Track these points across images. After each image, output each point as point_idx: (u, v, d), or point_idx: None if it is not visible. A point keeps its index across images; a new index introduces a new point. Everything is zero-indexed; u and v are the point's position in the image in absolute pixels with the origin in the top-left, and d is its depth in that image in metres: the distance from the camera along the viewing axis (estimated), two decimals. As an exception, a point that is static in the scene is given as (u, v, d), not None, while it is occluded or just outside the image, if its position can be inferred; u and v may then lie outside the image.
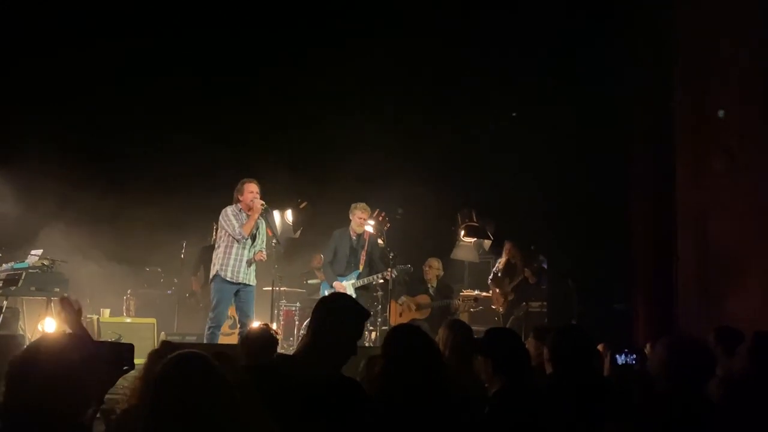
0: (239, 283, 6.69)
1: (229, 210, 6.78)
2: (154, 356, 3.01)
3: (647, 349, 4.43)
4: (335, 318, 2.73)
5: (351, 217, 7.62)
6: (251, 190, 6.75)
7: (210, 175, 8.72)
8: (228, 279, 6.65)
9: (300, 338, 2.92)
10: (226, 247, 6.71)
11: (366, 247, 7.63)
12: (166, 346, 3.10)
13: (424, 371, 2.72)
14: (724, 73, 7.53)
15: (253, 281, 6.81)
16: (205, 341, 6.62)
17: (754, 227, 7.13)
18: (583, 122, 8.42)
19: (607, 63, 8.34)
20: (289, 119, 9.64)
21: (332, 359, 2.71)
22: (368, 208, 7.60)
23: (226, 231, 6.74)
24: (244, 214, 6.76)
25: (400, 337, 2.91)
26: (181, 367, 2.11)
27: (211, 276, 6.85)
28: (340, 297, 3.15)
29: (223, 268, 6.66)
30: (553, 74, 8.50)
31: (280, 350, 4.34)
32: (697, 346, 3.00)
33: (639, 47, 8.28)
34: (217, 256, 6.77)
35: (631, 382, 3.57)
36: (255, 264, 6.80)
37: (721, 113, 7.06)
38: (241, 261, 6.68)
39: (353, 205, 7.63)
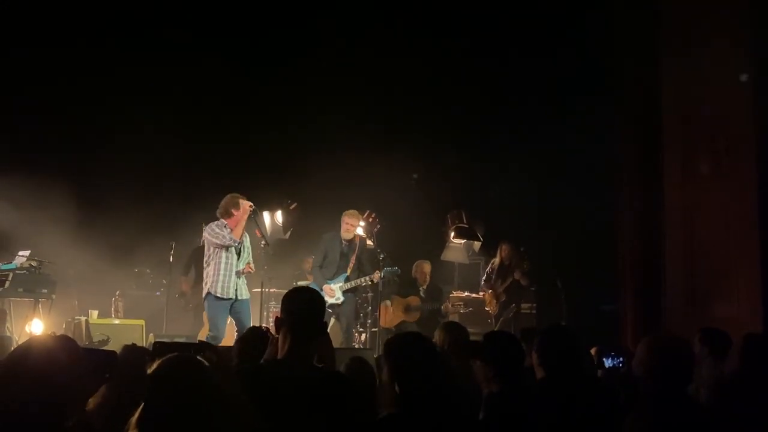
0: (231, 299, 6.68)
1: (214, 224, 6.73)
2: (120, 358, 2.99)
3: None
4: (298, 307, 2.81)
5: (341, 224, 7.67)
6: (246, 210, 6.65)
7: (199, 176, 8.70)
8: (219, 296, 6.64)
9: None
10: (215, 264, 6.68)
11: (356, 251, 7.68)
12: (127, 350, 3.09)
13: (430, 383, 2.70)
14: (712, 76, 7.58)
15: (245, 295, 6.80)
16: None
17: (741, 230, 7.19)
18: (571, 123, 8.48)
19: (595, 62, 8.41)
20: (278, 119, 9.63)
21: (310, 351, 2.78)
22: (357, 214, 7.66)
23: (215, 244, 6.66)
24: (229, 229, 6.70)
25: (404, 349, 2.82)
26: (174, 369, 2.14)
27: (203, 293, 6.84)
28: (297, 289, 3.14)
29: (214, 285, 6.64)
30: (538, 75, 8.57)
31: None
32: (677, 346, 2.99)
33: (625, 44, 8.34)
34: (207, 273, 6.75)
35: (618, 384, 3.59)
36: (244, 276, 6.79)
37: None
38: (230, 276, 6.66)
39: (344, 212, 7.67)
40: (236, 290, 6.69)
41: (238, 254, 6.72)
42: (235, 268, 6.68)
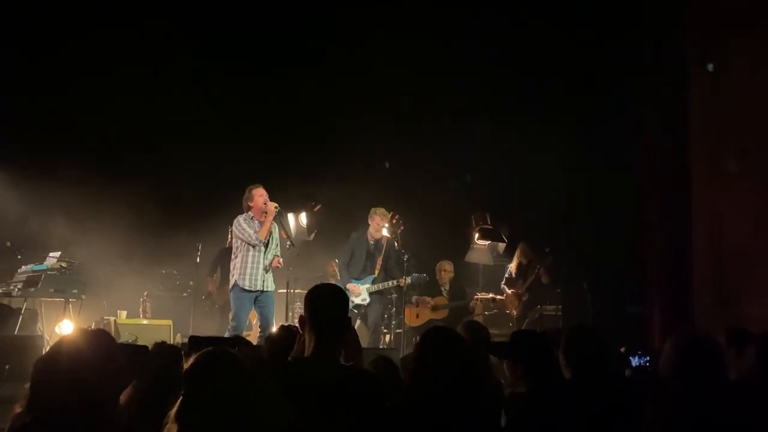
0: (258, 290, 6.74)
1: (241, 218, 6.81)
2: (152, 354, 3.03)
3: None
4: (320, 304, 2.90)
5: (370, 222, 7.67)
6: (260, 194, 6.78)
7: (225, 177, 8.78)
8: (246, 288, 6.70)
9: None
10: (243, 256, 6.74)
11: (383, 252, 7.67)
12: (157, 347, 3.13)
13: (458, 377, 2.68)
14: (738, 72, 7.50)
15: (271, 287, 6.86)
16: None
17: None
18: (596, 124, 8.43)
19: (621, 64, 8.35)
20: (301, 121, 9.70)
21: (336, 348, 2.80)
22: (387, 214, 7.64)
23: (242, 239, 6.76)
24: (256, 222, 6.79)
25: (437, 342, 2.80)
26: (211, 362, 2.20)
27: (230, 285, 6.91)
28: (318, 287, 3.16)
29: (242, 277, 6.70)
30: (564, 74, 8.53)
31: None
32: (704, 342, 2.95)
33: (651, 46, 8.27)
34: (235, 265, 6.82)
35: (645, 383, 3.55)
36: (271, 269, 6.85)
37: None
38: (257, 268, 6.72)
39: (373, 210, 7.67)
40: (263, 282, 6.74)
41: (266, 246, 6.78)
42: (264, 261, 6.74)
